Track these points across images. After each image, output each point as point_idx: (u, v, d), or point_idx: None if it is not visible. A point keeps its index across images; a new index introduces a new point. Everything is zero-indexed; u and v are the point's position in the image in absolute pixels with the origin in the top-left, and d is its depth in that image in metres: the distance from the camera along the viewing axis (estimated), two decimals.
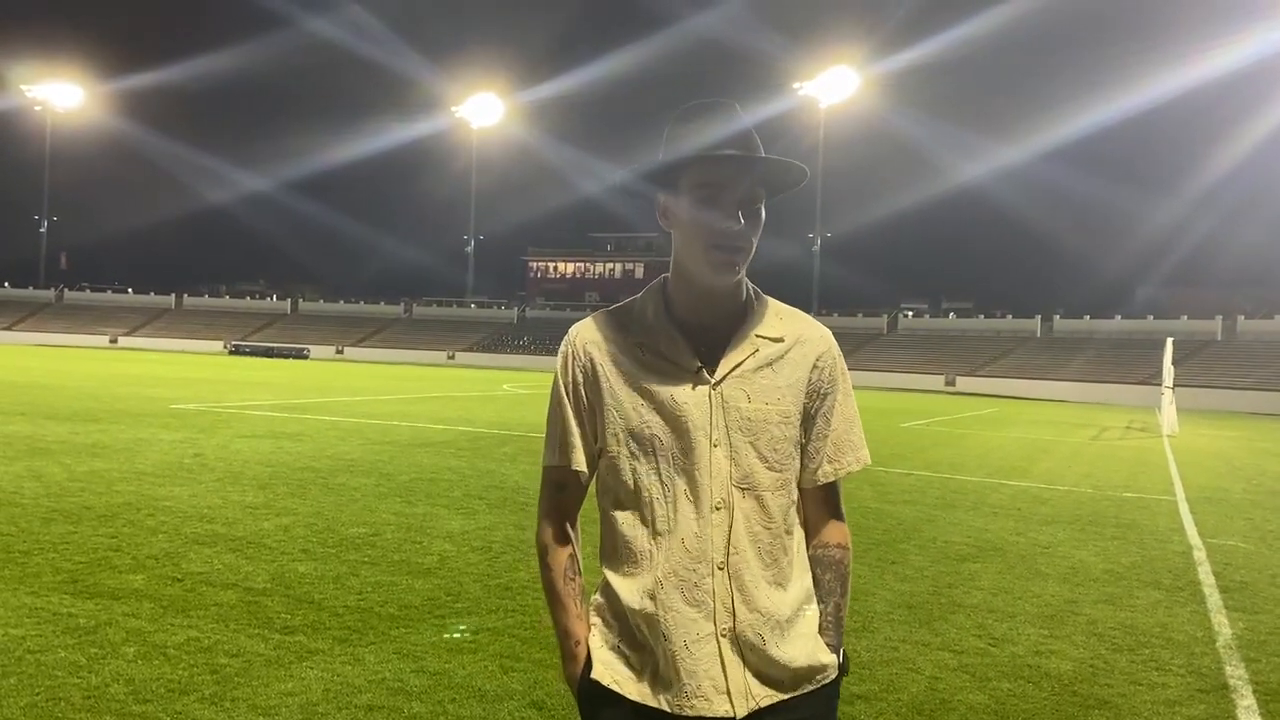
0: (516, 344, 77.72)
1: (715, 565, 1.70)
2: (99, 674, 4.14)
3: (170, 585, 5.59)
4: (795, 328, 1.82)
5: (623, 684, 1.73)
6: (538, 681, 4.33)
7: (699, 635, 1.68)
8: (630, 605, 1.73)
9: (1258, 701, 4.58)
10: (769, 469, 1.74)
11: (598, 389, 1.79)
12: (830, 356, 1.83)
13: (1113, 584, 6.91)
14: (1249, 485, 14.21)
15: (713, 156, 1.71)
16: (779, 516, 1.75)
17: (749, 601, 1.70)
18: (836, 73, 76.04)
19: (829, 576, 1.82)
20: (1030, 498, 11.32)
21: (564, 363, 1.83)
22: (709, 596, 1.69)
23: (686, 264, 1.77)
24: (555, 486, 1.87)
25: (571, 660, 1.80)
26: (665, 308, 1.81)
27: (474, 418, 19.53)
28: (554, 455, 1.85)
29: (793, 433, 1.77)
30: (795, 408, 1.77)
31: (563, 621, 1.82)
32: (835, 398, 1.83)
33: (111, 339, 77.68)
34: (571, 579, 1.83)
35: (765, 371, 1.76)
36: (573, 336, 1.84)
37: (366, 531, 7.37)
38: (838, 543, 1.84)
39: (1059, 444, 20.61)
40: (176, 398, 20.91)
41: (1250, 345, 59.94)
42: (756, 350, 1.77)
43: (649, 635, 1.72)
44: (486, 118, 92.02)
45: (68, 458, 10.55)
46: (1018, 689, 4.58)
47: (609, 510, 1.80)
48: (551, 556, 1.84)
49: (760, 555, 1.72)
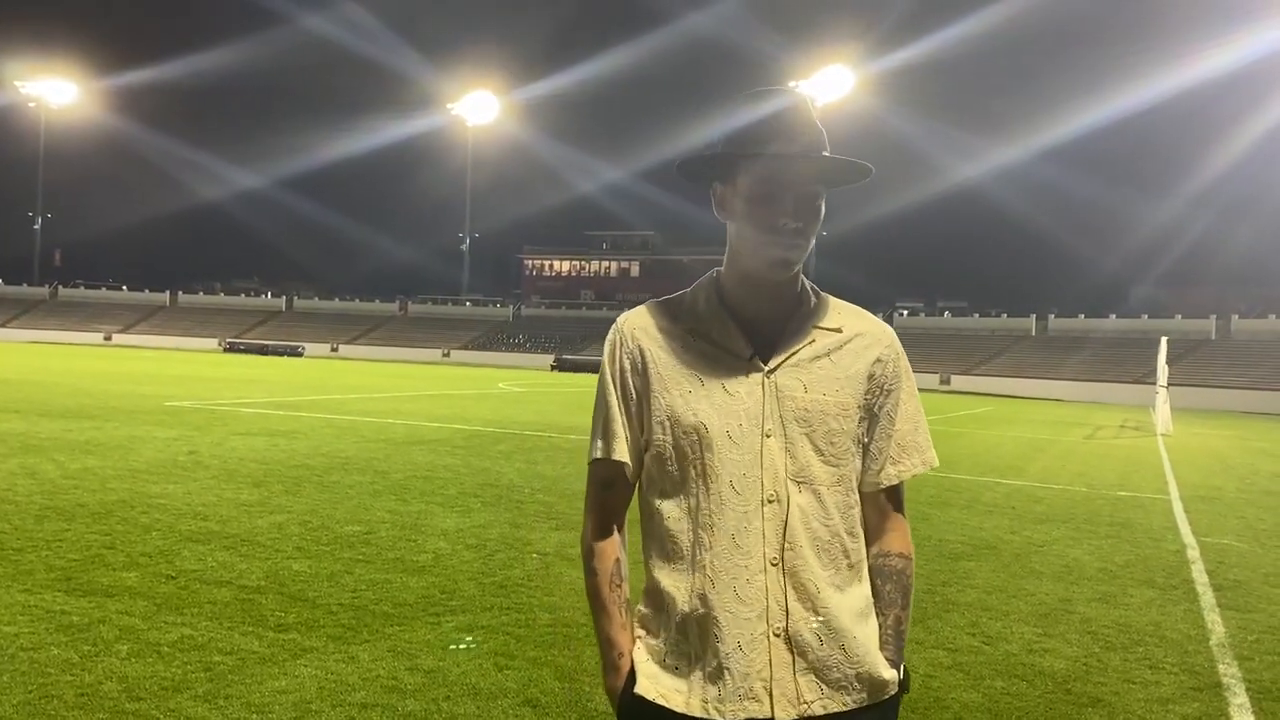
0: (512, 342, 77.74)
1: (768, 561, 1.61)
2: (92, 672, 4.13)
3: (164, 583, 5.57)
4: (854, 321, 1.75)
5: (669, 697, 1.64)
6: (532, 679, 4.33)
7: (752, 635, 1.60)
8: (679, 607, 1.65)
9: (1250, 700, 4.59)
10: (825, 463, 1.66)
11: (645, 377, 1.71)
12: (893, 352, 1.75)
13: (1107, 582, 6.93)
14: (1243, 484, 14.24)
15: (776, 154, 1.65)
16: (837, 514, 1.66)
17: (805, 600, 1.61)
18: (832, 71, 76.04)
19: (889, 587, 1.72)
20: (1025, 496, 11.33)
21: (611, 350, 1.76)
22: (761, 594, 1.60)
23: (742, 256, 1.71)
24: (602, 484, 1.77)
25: (614, 672, 1.71)
26: (718, 297, 1.74)
27: (469, 415, 19.51)
28: (599, 448, 1.76)
29: (851, 427, 1.69)
30: (854, 401, 1.69)
31: (606, 630, 1.73)
32: (899, 395, 1.75)
33: (106, 336, 77.54)
34: (617, 585, 1.74)
35: (823, 361, 1.69)
36: (621, 324, 1.77)
37: (361, 529, 7.36)
38: (899, 551, 1.75)
39: (1054, 443, 20.64)
40: (171, 395, 20.87)
41: (1244, 344, 60.09)
42: (814, 340, 1.70)
43: (698, 638, 1.63)
44: (482, 115, 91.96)
45: (61, 455, 10.53)
46: (1012, 687, 4.58)
47: (655, 504, 1.71)
48: (597, 560, 1.75)
49: (818, 553, 1.64)
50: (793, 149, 1.65)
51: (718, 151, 1.71)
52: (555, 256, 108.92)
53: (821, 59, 76.97)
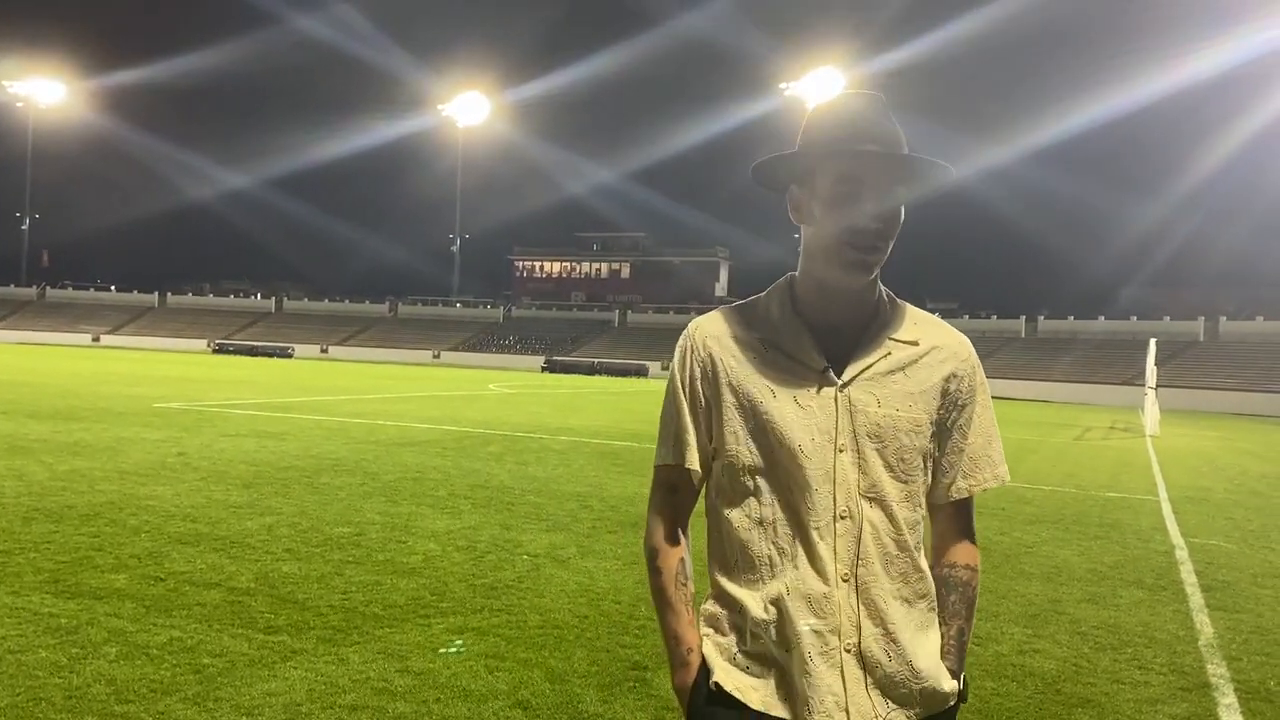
0: (502, 343, 77.64)
1: (840, 577, 1.60)
2: (80, 674, 4.11)
3: (153, 585, 5.55)
4: (931, 333, 1.72)
5: (745, 692, 1.63)
6: (523, 681, 4.32)
7: (823, 649, 1.59)
8: (754, 614, 1.64)
9: (1239, 699, 4.61)
10: (896, 479, 1.64)
11: (716, 385, 1.70)
12: (969, 366, 1.72)
13: (1096, 583, 6.95)
14: (1231, 485, 14.31)
15: (854, 151, 1.61)
16: (907, 530, 1.65)
17: (876, 617, 1.60)
18: (822, 73, 76.19)
19: (954, 598, 1.71)
20: (1014, 497, 11.36)
21: (682, 357, 1.74)
22: (835, 610, 1.60)
23: (818, 261, 1.68)
24: (668, 487, 1.77)
25: (683, 667, 1.70)
26: (792, 305, 1.71)
27: (459, 417, 19.49)
28: (667, 454, 1.75)
29: (922, 443, 1.66)
30: (927, 417, 1.67)
31: (674, 627, 1.72)
32: (973, 409, 1.73)
33: (94, 337, 77.20)
34: (683, 584, 1.74)
35: (897, 376, 1.66)
36: (692, 330, 1.75)
37: (351, 531, 7.34)
38: (966, 563, 1.74)
39: (1043, 444, 20.70)
40: (160, 396, 20.79)
41: (1232, 346, 60.38)
42: (889, 353, 1.67)
43: (773, 646, 1.62)
44: (473, 116, 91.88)
45: (49, 456, 10.48)
46: (1001, 688, 4.60)
47: (725, 513, 1.70)
48: (662, 560, 1.75)
49: (888, 569, 1.63)
50: (874, 147, 1.62)
51: (795, 151, 1.68)
52: (546, 258, 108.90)
53: (812, 61, 77.15)
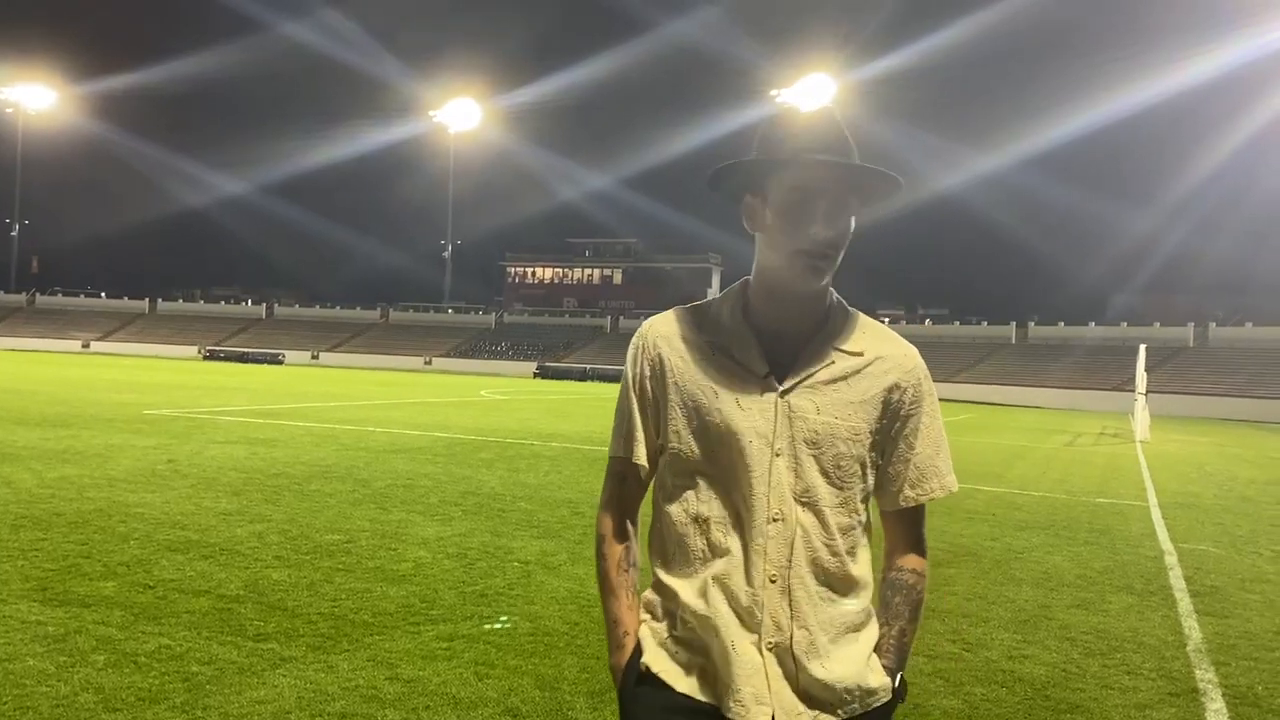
0: (494, 349, 77.55)
1: (768, 578, 1.65)
2: (68, 682, 4.09)
3: (141, 592, 5.53)
4: (877, 344, 1.75)
5: (671, 675, 1.70)
6: (513, 688, 4.32)
7: (746, 643, 1.64)
8: (685, 601, 1.70)
9: (1227, 705, 4.63)
10: (831, 485, 1.69)
11: (664, 384, 1.75)
12: (915, 377, 1.76)
13: (1085, 589, 6.97)
14: (1220, 491, 14.36)
15: (806, 160, 1.65)
16: (839, 535, 1.69)
17: (800, 618, 1.65)
18: (814, 80, 76.44)
19: (898, 600, 1.77)
20: (1005, 503, 11.38)
21: (634, 355, 1.80)
22: (759, 609, 1.65)
23: (770, 268, 1.72)
24: (617, 478, 1.84)
25: (619, 649, 1.77)
26: (743, 311, 1.76)
27: (451, 423, 19.46)
28: (618, 446, 1.82)
29: (860, 451, 1.71)
30: (866, 426, 1.71)
31: (614, 610, 1.79)
32: (919, 420, 1.77)
33: (84, 344, 76.88)
34: (625, 570, 1.81)
35: (839, 385, 1.70)
36: (645, 330, 1.81)
37: (341, 538, 7.32)
38: (913, 568, 1.79)
39: (1033, 450, 20.76)
40: (149, 403, 20.72)
41: (1222, 352, 60.62)
42: (833, 362, 1.71)
43: (700, 633, 1.69)
44: (464, 123, 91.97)
45: (38, 464, 10.43)
46: (991, 694, 4.60)
47: (665, 507, 1.76)
48: (607, 546, 1.83)
49: (818, 573, 1.67)
50: (826, 157, 1.66)
51: (752, 159, 1.71)
52: (538, 264, 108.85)
53: (803, 67, 77.47)
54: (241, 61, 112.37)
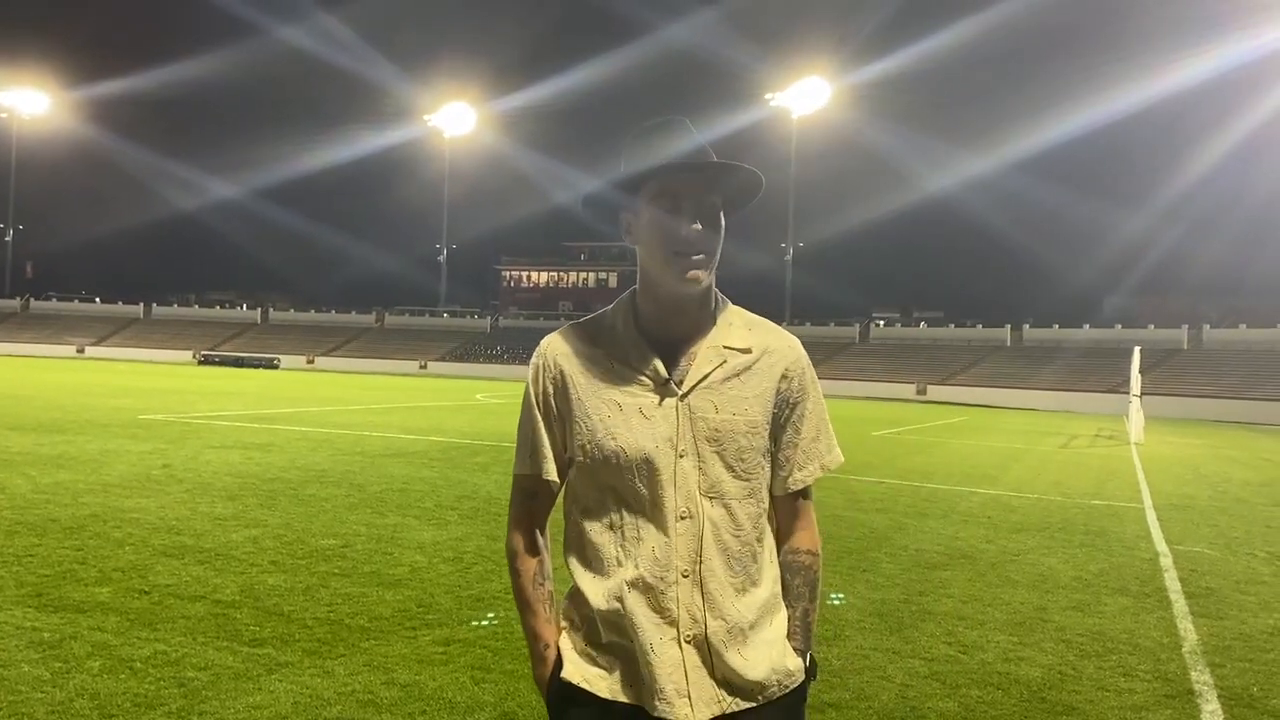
0: (489, 353, 77.49)
1: (680, 573, 1.72)
2: (64, 689, 4.08)
3: (137, 598, 5.52)
4: (763, 339, 1.84)
5: (592, 682, 1.75)
6: (509, 692, 4.32)
7: (663, 639, 1.71)
8: (597, 607, 1.75)
9: (1222, 706, 4.64)
10: (736, 478, 1.76)
11: (567, 399, 1.81)
12: (799, 366, 1.85)
13: (1081, 591, 6.98)
14: (1215, 492, 14.39)
15: (667, 166, 1.74)
16: (748, 525, 1.77)
17: (714, 609, 1.72)
18: (809, 83, 76.54)
19: (798, 581, 1.85)
20: (1000, 505, 11.41)
21: (535, 374, 1.86)
22: (674, 604, 1.71)
23: (652, 275, 1.80)
24: (526, 494, 1.89)
25: (541, 663, 1.83)
26: (634, 320, 1.83)
27: (446, 428, 19.45)
28: (525, 464, 1.88)
29: (760, 442, 1.79)
30: (763, 417, 1.79)
31: (532, 625, 1.85)
32: (805, 406, 1.85)
33: (78, 349, 76.72)
34: (540, 584, 1.87)
35: (733, 382, 1.78)
36: (544, 348, 1.87)
37: (337, 543, 7.31)
38: (808, 549, 1.87)
39: (1028, 452, 20.79)
40: (144, 408, 20.69)
41: (1216, 354, 60.75)
42: (724, 361, 1.79)
43: (619, 636, 1.74)
44: (459, 127, 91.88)
45: (33, 469, 10.41)
46: (987, 696, 4.61)
47: (577, 518, 1.83)
48: (521, 562, 1.88)
49: (728, 564, 1.75)
50: (684, 160, 1.75)
51: (618, 177, 1.79)
52: (533, 267, 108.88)
53: (798, 71, 77.46)
54: (236, 66, 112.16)
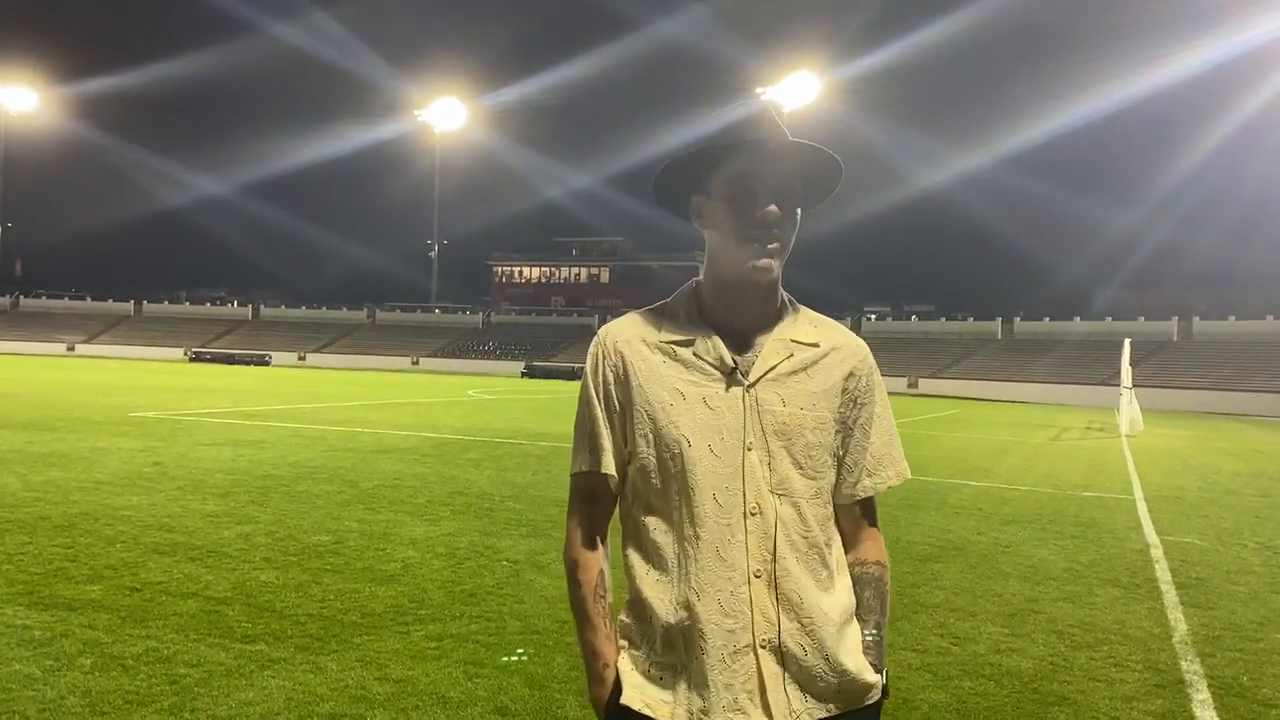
0: (481, 349, 77.46)
1: (751, 574, 1.63)
2: (55, 686, 4.07)
3: (128, 595, 5.51)
4: (830, 335, 1.78)
5: (655, 707, 1.64)
6: (502, 687, 4.32)
7: (736, 647, 1.61)
8: (663, 618, 1.65)
9: (1213, 695, 4.66)
10: (804, 476, 1.68)
11: (627, 388, 1.72)
12: (867, 366, 1.78)
13: (1072, 582, 7.00)
14: (1204, 484, 14.44)
15: (744, 147, 1.67)
16: (816, 527, 1.68)
17: (790, 611, 1.63)
18: (799, 78, 76.51)
19: (868, 594, 1.76)
20: (992, 498, 11.43)
21: (594, 363, 1.76)
22: (746, 606, 1.62)
23: (721, 262, 1.72)
24: (585, 496, 1.79)
25: (599, 683, 1.72)
26: (698, 309, 1.75)
27: (438, 423, 19.43)
28: (583, 460, 1.78)
29: (828, 440, 1.71)
30: (831, 415, 1.72)
31: (592, 641, 1.74)
32: (873, 409, 1.78)
33: (69, 346, 76.42)
34: (601, 596, 1.75)
35: (800, 376, 1.71)
36: (603, 336, 1.77)
37: (329, 539, 7.30)
38: (876, 559, 1.78)
39: (1020, 444, 20.84)
40: (135, 406, 20.62)
41: (1206, 346, 60.99)
42: (791, 354, 1.72)
43: (683, 649, 1.64)
44: (450, 122, 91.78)
45: (23, 467, 10.37)
46: (979, 687, 4.63)
47: (638, 516, 1.73)
48: (581, 572, 1.76)
49: (801, 564, 1.65)
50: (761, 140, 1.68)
51: (691, 153, 1.72)
52: (524, 263, 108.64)
53: (788, 65, 77.48)
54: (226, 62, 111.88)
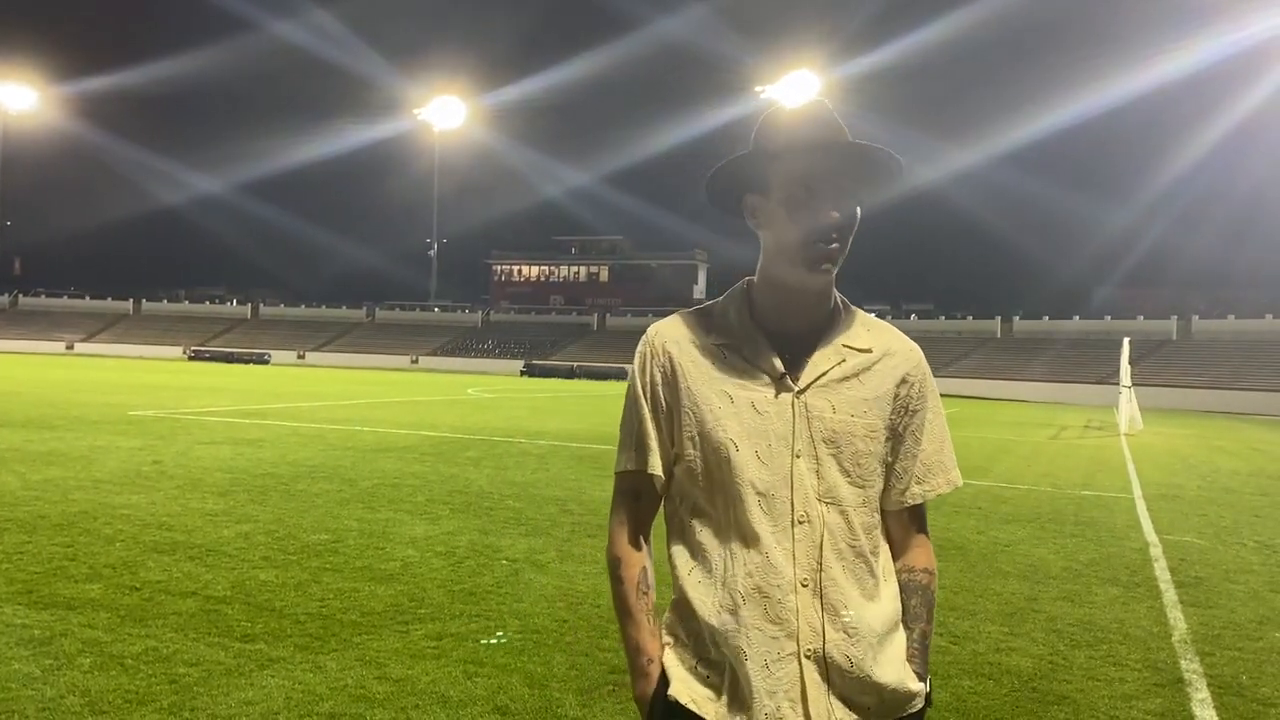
0: (481, 348, 77.43)
1: (799, 582, 1.60)
2: (54, 686, 4.07)
3: (128, 594, 5.51)
4: (884, 340, 1.74)
5: (700, 704, 1.63)
6: (501, 686, 4.32)
7: (780, 655, 1.59)
8: (707, 621, 1.64)
9: (1212, 695, 4.66)
10: (852, 484, 1.66)
11: (676, 390, 1.69)
12: (920, 372, 1.75)
13: (1072, 581, 7.00)
14: (1203, 482, 14.45)
15: (805, 147, 1.63)
16: (863, 535, 1.66)
17: (836, 621, 1.60)
18: (798, 76, 76.53)
19: (915, 601, 1.73)
20: (991, 496, 11.43)
21: (642, 362, 1.74)
22: (792, 615, 1.60)
23: (777, 264, 1.68)
24: (630, 494, 1.76)
25: (644, 678, 1.69)
26: (749, 311, 1.72)
27: (438, 422, 19.42)
28: (629, 460, 1.74)
29: (878, 448, 1.68)
30: (881, 422, 1.69)
31: (635, 637, 1.71)
32: (925, 415, 1.75)
33: (68, 345, 76.40)
34: (644, 593, 1.73)
35: (852, 382, 1.68)
36: (651, 336, 1.75)
37: (328, 538, 7.30)
38: (924, 567, 1.76)
39: (1019, 443, 20.85)
40: (135, 404, 20.61)
41: (1205, 344, 61.02)
42: (843, 360, 1.69)
43: (726, 653, 1.62)
44: (449, 121, 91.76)
45: (22, 466, 10.37)
46: (978, 686, 4.63)
47: (684, 519, 1.71)
48: (624, 569, 1.74)
49: (848, 573, 1.63)
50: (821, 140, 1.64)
51: (746, 152, 1.69)
52: (524, 262, 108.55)
53: (787, 64, 77.52)
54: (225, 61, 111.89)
